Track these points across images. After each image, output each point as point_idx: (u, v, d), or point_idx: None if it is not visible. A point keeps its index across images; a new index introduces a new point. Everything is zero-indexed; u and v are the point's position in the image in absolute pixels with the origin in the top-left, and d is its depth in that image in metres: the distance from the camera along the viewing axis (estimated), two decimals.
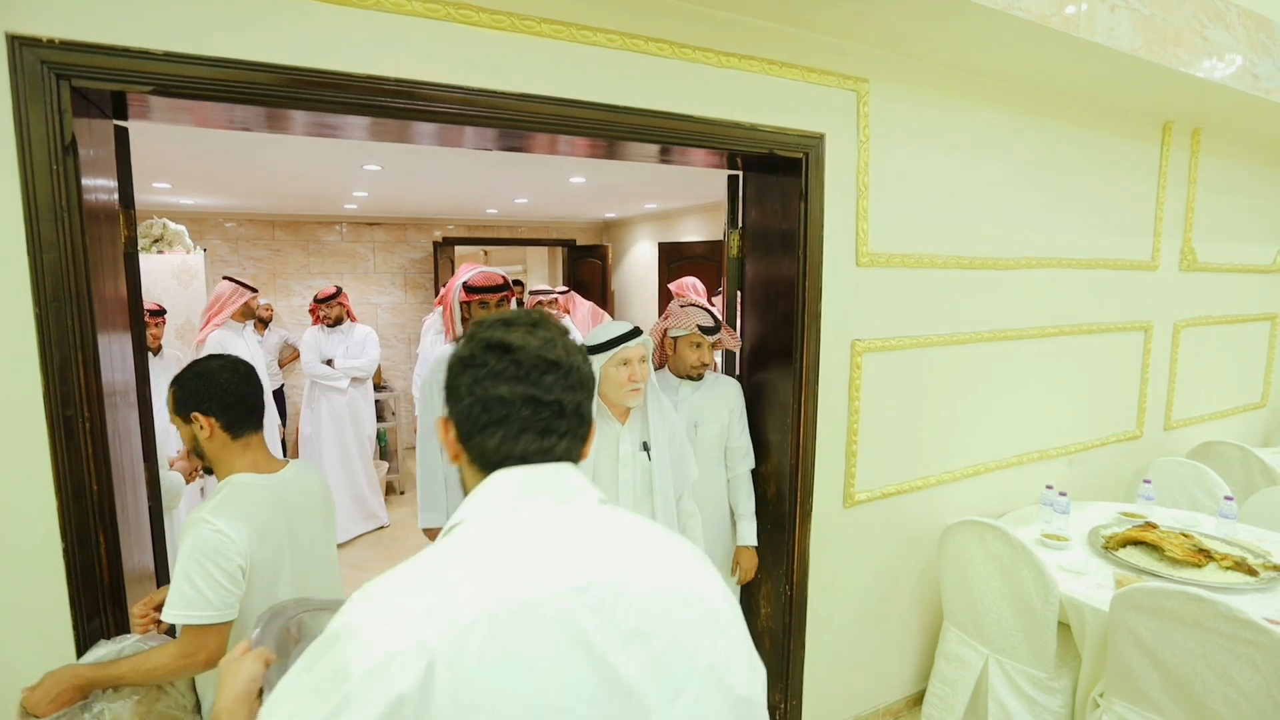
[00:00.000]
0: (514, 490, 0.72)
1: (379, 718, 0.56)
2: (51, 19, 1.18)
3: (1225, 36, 2.44)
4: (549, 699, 0.61)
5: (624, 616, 0.65)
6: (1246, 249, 3.50)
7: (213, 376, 1.34)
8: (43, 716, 1.15)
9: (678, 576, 0.71)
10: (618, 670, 0.63)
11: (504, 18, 1.53)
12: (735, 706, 0.71)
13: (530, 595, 0.63)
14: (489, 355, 0.73)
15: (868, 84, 2.11)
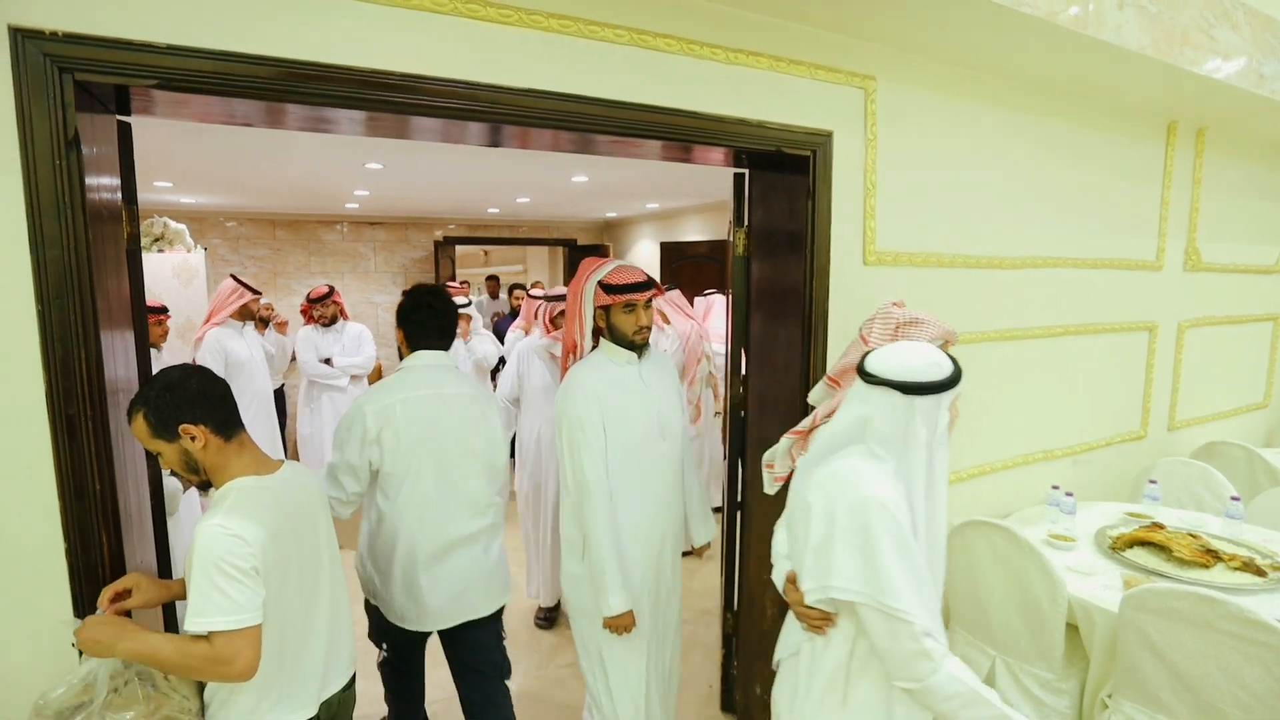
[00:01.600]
0: (427, 358, 1.96)
1: (371, 427, 1.82)
2: (53, 11, 1.17)
3: (1232, 36, 2.44)
4: (422, 430, 1.86)
5: (447, 407, 1.91)
6: (1250, 250, 3.50)
7: (185, 384, 1.28)
8: (81, 646, 1.19)
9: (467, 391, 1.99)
10: (444, 421, 1.91)
11: (511, 12, 1.52)
12: (486, 465, 2.00)
13: (424, 394, 1.88)
14: (423, 307, 1.97)
15: (875, 82, 2.10)
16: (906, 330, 1.64)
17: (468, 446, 1.94)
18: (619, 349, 1.95)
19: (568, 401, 1.88)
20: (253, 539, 1.22)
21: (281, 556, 1.30)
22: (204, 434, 1.28)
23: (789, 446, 1.80)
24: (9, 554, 1.23)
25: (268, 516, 1.28)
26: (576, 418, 1.85)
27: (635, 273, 1.93)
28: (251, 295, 3.50)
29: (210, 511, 1.26)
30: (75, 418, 1.24)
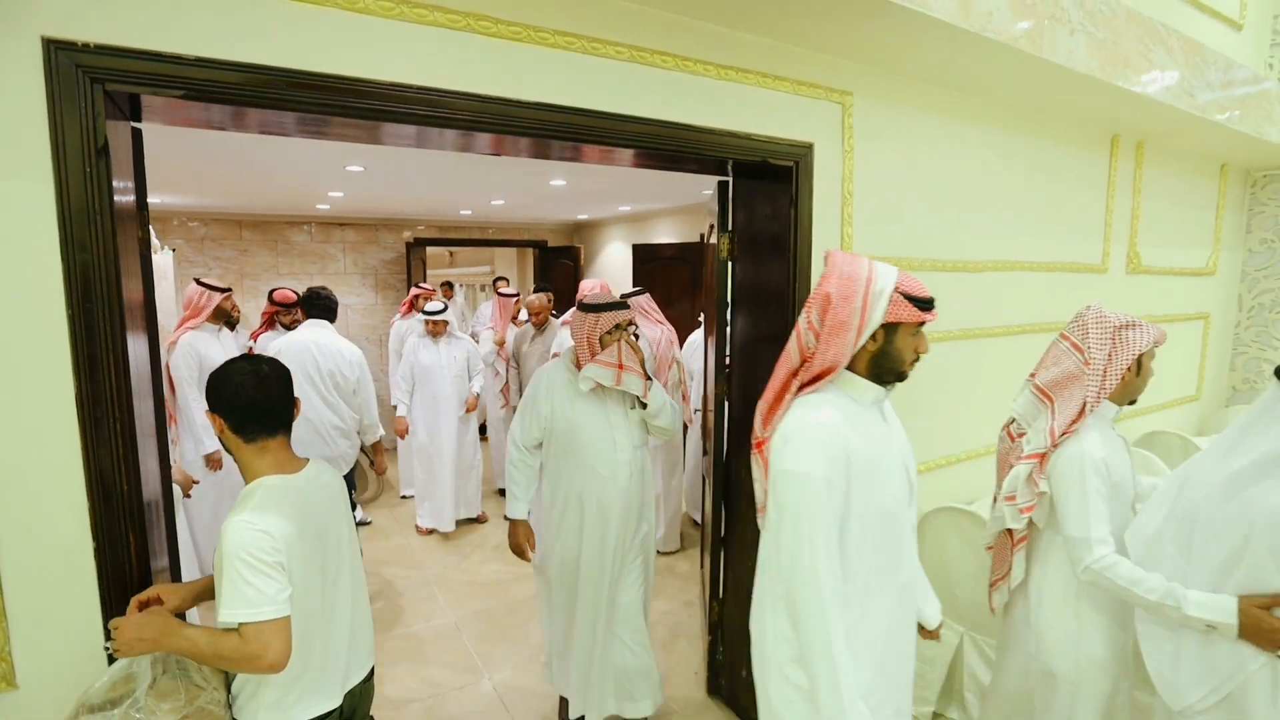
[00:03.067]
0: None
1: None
2: (85, 23, 1.20)
3: (1166, 59, 2.67)
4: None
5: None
6: (1183, 253, 3.79)
7: (227, 378, 1.35)
8: (119, 649, 1.22)
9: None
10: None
11: (520, 29, 1.59)
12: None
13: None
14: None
15: (852, 97, 2.24)
16: (1124, 334, 1.65)
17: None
18: (864, 383, 1.37)
19: (796, 451, 1.28)
20: (279, 534, 1.27)
21: (306, 552, 1.34)
22: (220, 425, 1.36)
23: (1028, 474, 1.69)
24: (39, 554, 1.25)
25: (292, 513, 1.33)
26: (808, 475, 1.24)
27: (919, 283, 1.40)
28: (221, 294, 3.35)
29: (237, 508, 1.30)
30: (103, 419, 1.27)
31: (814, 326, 1.35)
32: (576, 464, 2.23)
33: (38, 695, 1.26)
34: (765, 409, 1.42)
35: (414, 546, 4.25)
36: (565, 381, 2.25)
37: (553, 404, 2.23)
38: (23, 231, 1.19)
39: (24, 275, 1.20)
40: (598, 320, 2.22)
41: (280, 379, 1.39)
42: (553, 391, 2.24)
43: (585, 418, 2.22)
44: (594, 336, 2.21)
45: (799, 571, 1.24)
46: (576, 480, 2.24)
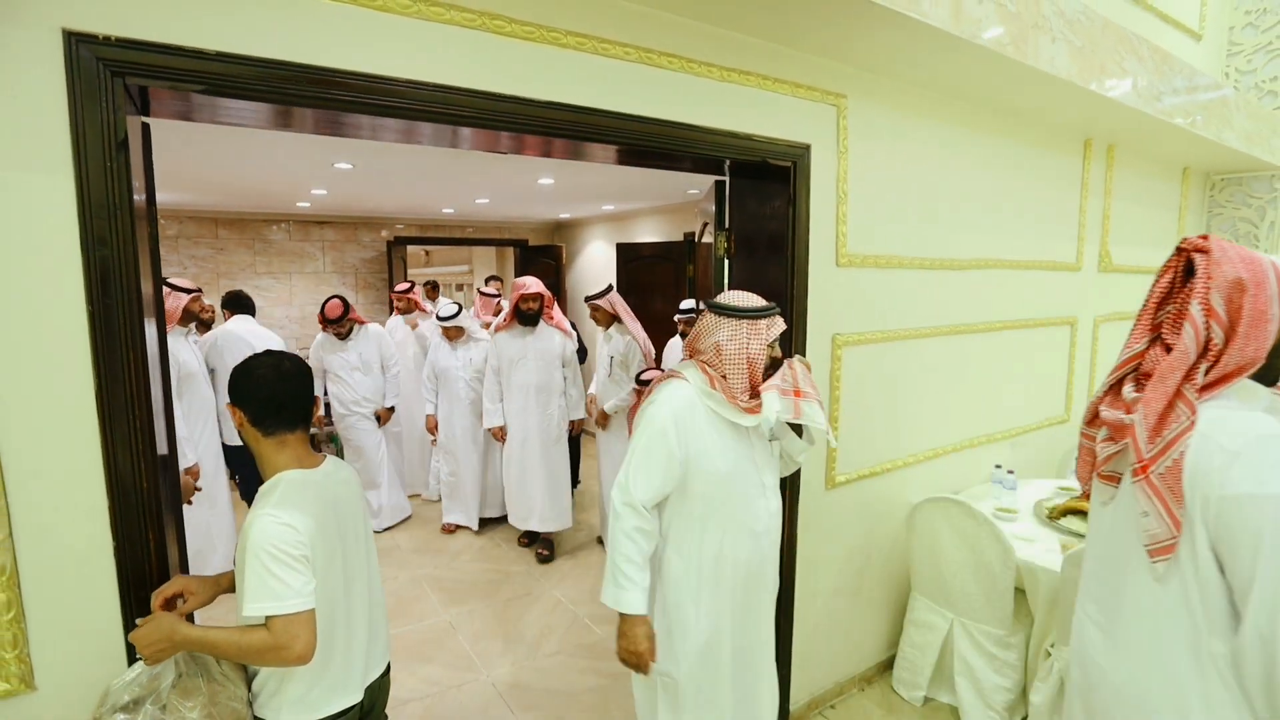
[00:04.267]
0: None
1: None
2: (105, 16, 1.18)
3: (1137, 66, 2.79)
4: None
5: None
6: (1152, 252, 3.96)
7: (250, 371, 1.37)
8: (142, 655, 1.22)
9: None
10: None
11: (533, 29, 1.61)
12: None
13: None
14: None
15: (846, 99, 2.30)
16: None
17: None
18: (1261, 389, 1.18)
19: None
20: (303, 528, 1.27)
21: (327, 547, 1.35)
22: (240, 418, 1.37)
23: None
24: (58, 555, 1.23)
25: (314, 508, 1.33)
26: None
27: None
28: (189, 295, 3.24)
29: (259, 503, 1.30)
30: (122, 417, 1.26)
31: (1219, 317, 1.12)
32: (722, 522, 1.70)
33: (57, 696, 1.24)
34: (1154, 421, 1.13)
35: (402, 547, 4.22)
36: (706, 413, 1.68)
37: (689, 444, 1.65)
38: (43, 226, 1.17)
39: (45, 270, 1.18)
40: (762, 329, 1.66)
41: (301, 375, 1.40)
42: (687, 427, 1.65)
43: (733, 460, 1.69)
44: (758, 354, 1.66)
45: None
46: (719, 544, 1.71)
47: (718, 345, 1.68)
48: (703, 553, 1.71)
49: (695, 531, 1.70)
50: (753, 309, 1.68)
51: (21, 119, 1.14)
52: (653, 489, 1.65)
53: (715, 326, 1.70)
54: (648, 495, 1.64)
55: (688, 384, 1.70)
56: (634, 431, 1.72)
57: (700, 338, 1.73)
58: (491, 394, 4.07)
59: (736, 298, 1.72)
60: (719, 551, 1.71)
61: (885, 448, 2.69)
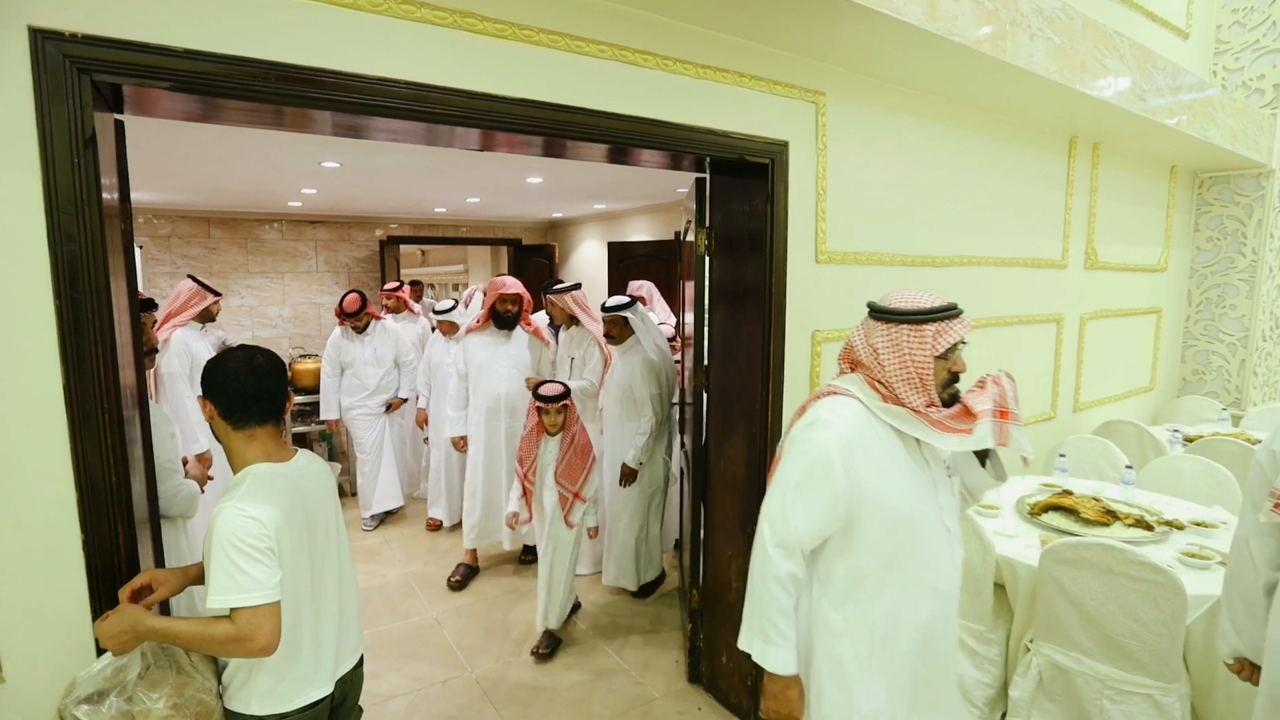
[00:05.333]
0: None
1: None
2: (72, 13, 1.20)
3: (1120, 65, 2.81)
4: None
5: None
6: (1138, 250, 3.97)
7: (223, 364, 1.38)
8: (107, 648, 1.23)
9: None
10: None
11: (506, 27, 1.63)
12: None
13: None
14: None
15: (825, 97, 2.31)
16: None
17: None
18: None
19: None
20: (268, 521, 1.28)
21: (295, 539, 1.36)
22: (211, 410, 1.37)
23: None
24: (27, 547, 1.24)
25: (282, 501, 1.34)
26: None
27: None
28: (213, 298, 3.47)
29: (227, 495, 1.31)
30: (91, 411, 1.27)
31: None
32: (902, 579, 1.40)
33: (26, 688, 1.26)
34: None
35: (390, 544, 4.23)
36: (879, 434, 1.38)
37: (860, 478, 1.34)
38: (10, 222, 1.18)
39: (11, 266, 1.19)
40: (927, 336, 1.34)
41: (274, 370, 1.41)
42: (858, 456, 1.34)
43: (915, 500, 1.39)
44: (924, 366, 1.34)
45: None
46: (896, 606, 1.40)
47: (876, 353, 1.39)
48: (874, 615, 1.38)
49: (865, 588, 1.38)
50: (914, 311, 1.36)
51: None
52: (813, 529, 1.34)
53: (871, 332, 1.41)
54: (807, 536, 1.35)
55: (856, 401, 1.39)
56: (783, 456, 1.41)
57: (856, 347, 1.45)
58: (455, 400, 3.74)
59: (899, 298, 1.41)
60: (895, 614, 1.39)
61: None
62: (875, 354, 1.40)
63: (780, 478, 1.39)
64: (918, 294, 1.41)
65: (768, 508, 1.39)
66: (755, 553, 1.40)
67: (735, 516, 2.52)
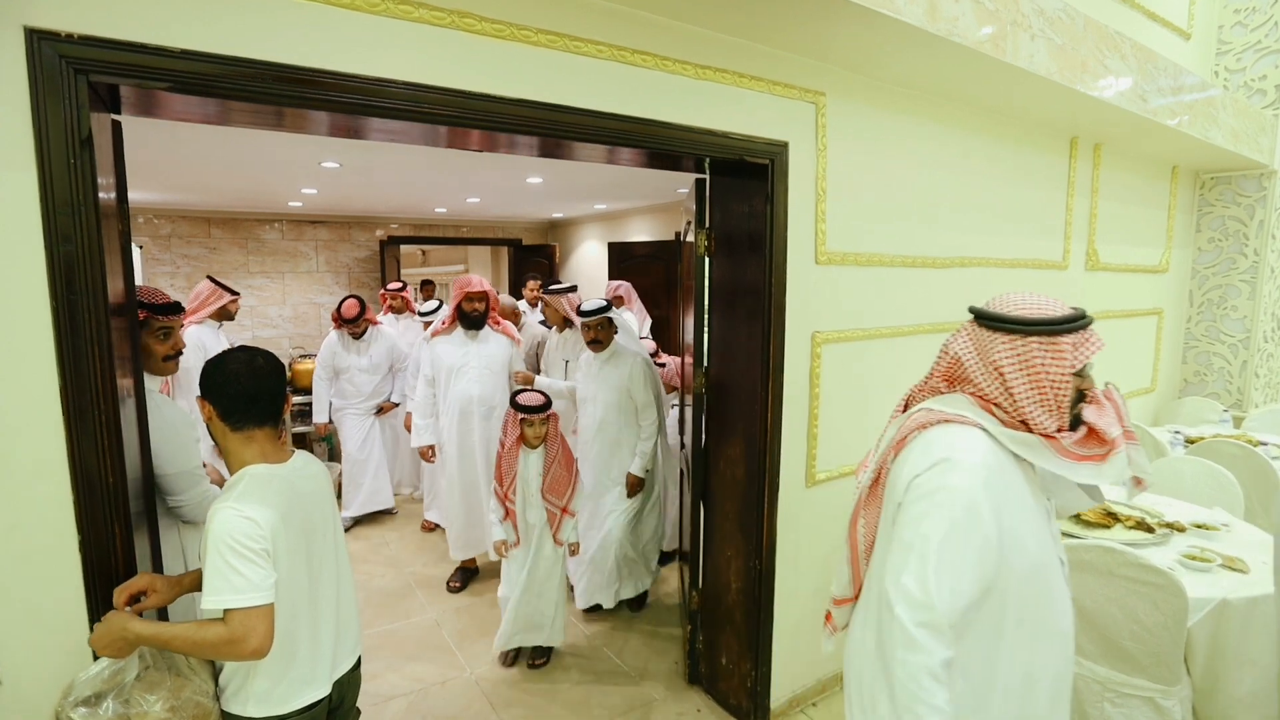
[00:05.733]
0: None
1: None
2: (67, 14, 1.19)
3: (1121, 65, 2.80)
4: None
5: None
6: (1138, 251, 3.96)
7: (223, 365, 1.39)
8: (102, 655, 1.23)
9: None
10: None
11: (504, 27, 1.62)
12: None
13: None
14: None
15: (825, 97, 2.31)
16: None
17: None
18: None
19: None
20: (265, 522, 1.28)
21: (291, 541, 1.36)
22: (209, 412, 1.38)
23: None
24: (23, 547, 1.24)
25: (279, 502, 1.34)
26: None
27: None
28: (230, 297, 3.51)
29: (224, 496, 1.31)
30: (88, 411, 1.27)
31: None
32: (1032, 627, 1.19)
33: (22, 689, 1.25)
34: None
35: (390, 545, 4.22)
36: (1005, 467, 1.18)
37: (1002, 522, 1.14)
38: (6, 223, 1.18)
39: (7, 267, 1.19)
40: (1065, 350, 1.16)
41: (274, 371, 1.41)
42: (1001, 497, 1.15)
43: (1040, 537, 1.21)
44: (1061, 385, 1.16)
45: None
46: (1028, 660, 1.20)
47: (999, 371, 1.19)
48: (1005, 673, 1.17)
49: (992, 642, 1.16)
50: (1047, 321, 1.17)
51: None
52: (962, 597, 1.09)
53: (989, 345, 1.21)
54: (956, 609, 1.09)
55: (981, 431, 1.18)
56: (911, 509, 1.15)
57: (965, 363, 1.25)
58: (423, 408, 3.55)
59: (1016, 303, 1.21)
60: (1028, 670, 1.19)
61: (866, 445, 2.68)
62: (997, 372, 1.19)
63: (909, 538, 1.12)
64: (1037, 299, 1.21)
65: (900, 581, 1.10)
66: (890, 643, 1.10)
67: (735, 517, 2.52)
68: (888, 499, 1.24)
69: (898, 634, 1.09)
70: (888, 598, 1.12)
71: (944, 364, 1.30)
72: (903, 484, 1.18)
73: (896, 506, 1.19)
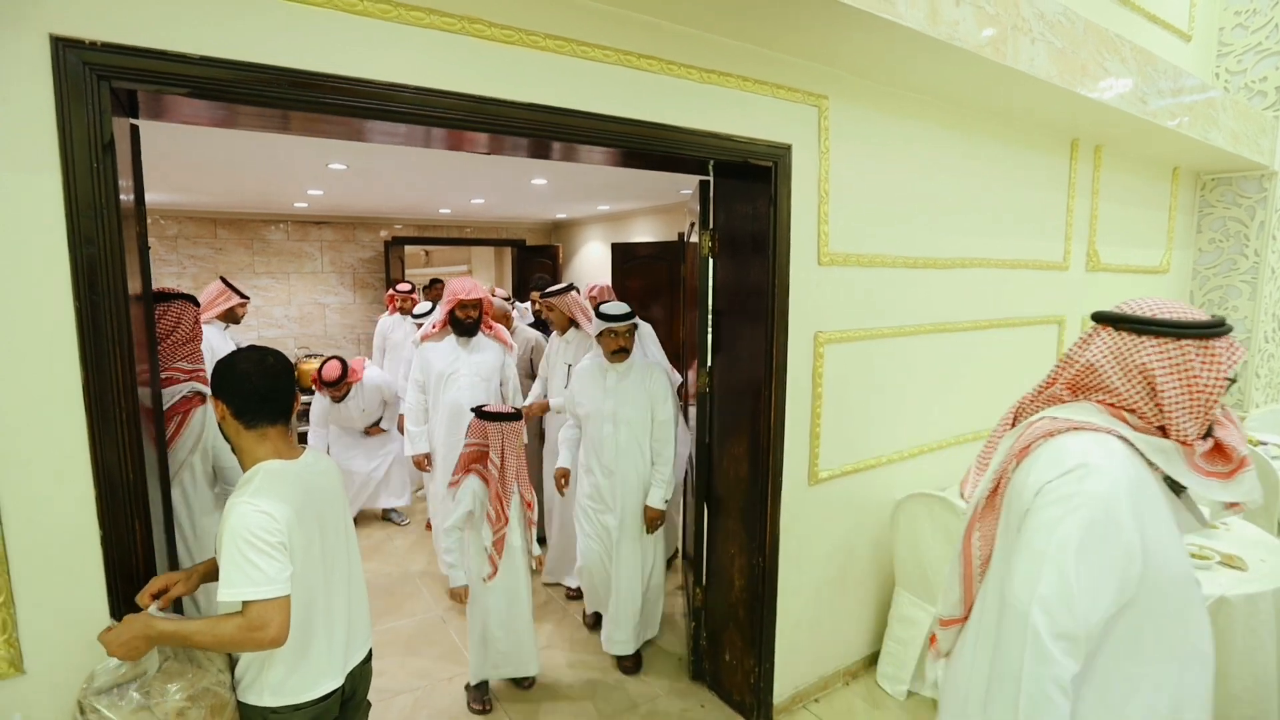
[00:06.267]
0: None
1: None
2: (91, 22, 1.23)
3: (1120, 67, 2.82)
4: None
5: None
6: (1139, 252, 3.98)
7: (235, 365, 1.42)
8: (114, 656, 1.23)
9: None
10: None
11: (513, 32, 1.65)
12: None
13: None
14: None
15: (828, 100, 2.33)
16: None
17: None
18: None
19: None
20: (280, 516, 1.31)
21: (305, 535, 1.39)
22: (223, 410, 1.41)
23: None
24: (47, 542, 1.27)
25: (293, 497, 1.37)
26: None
27: None
28: (240, 300, 3.51)
29: (239, 490, 1.35)
30: (109, 410, 1.30)
31: None
32: (1180, 653, 1.14)
33: (45, 680, 1.29)
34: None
35: (396, 543, 4.26)
36: (1144, 477, 1.13)
37: (1145, 534, 1.08)
38: (31, 225, 1.21)
39: (32, 268, 1.22)
40: (1220, 354, 1.12)
41: (284, 370, 1.44)
42: (1143, 509, 1.10)
43: (1182, 553, 1.17)
44: (1213, 392, 1.12)
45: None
46: (1174, 688, 1.13)
47: (1147, 375, 1.13)
48: (1149, 695, 1.10)
49: (1131, 661, 1.09)
50: (1203, 324, 1.13)
51: (11, 122, 1.18)
52: (1101, 608, 1.04)
53: (1133, 349, 1.15)
54: (1094, 620, 1.04)
55: (1117, 439, 1.13)
56: (1042, 514, 1.10)
57: (1102, 369, 1.18)
58: (415, 414, 3.42)
59: (1158, 307, 1.16)
60: (1175, 700, 1.11)
61: (868, 444, 2.72)
62: (1143, 376, 1.13)
63: (1041, 545, 1.07)
64: (1173, 304, 1.17)
65: (1035, 589, 1.05)
66: (1016, 655, 1.06)
67: (738, 515, 2.54)
68: (1008, 509, 1.19)
69: (1030, 645, 1.04)
70: (1018, 607, 1.06)
71: (1070, 372, 1.25)
72: (1030, 491, 1.13)
73: (1022, 514, 1.13)
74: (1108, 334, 1.20)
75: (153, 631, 1.25)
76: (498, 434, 2.42)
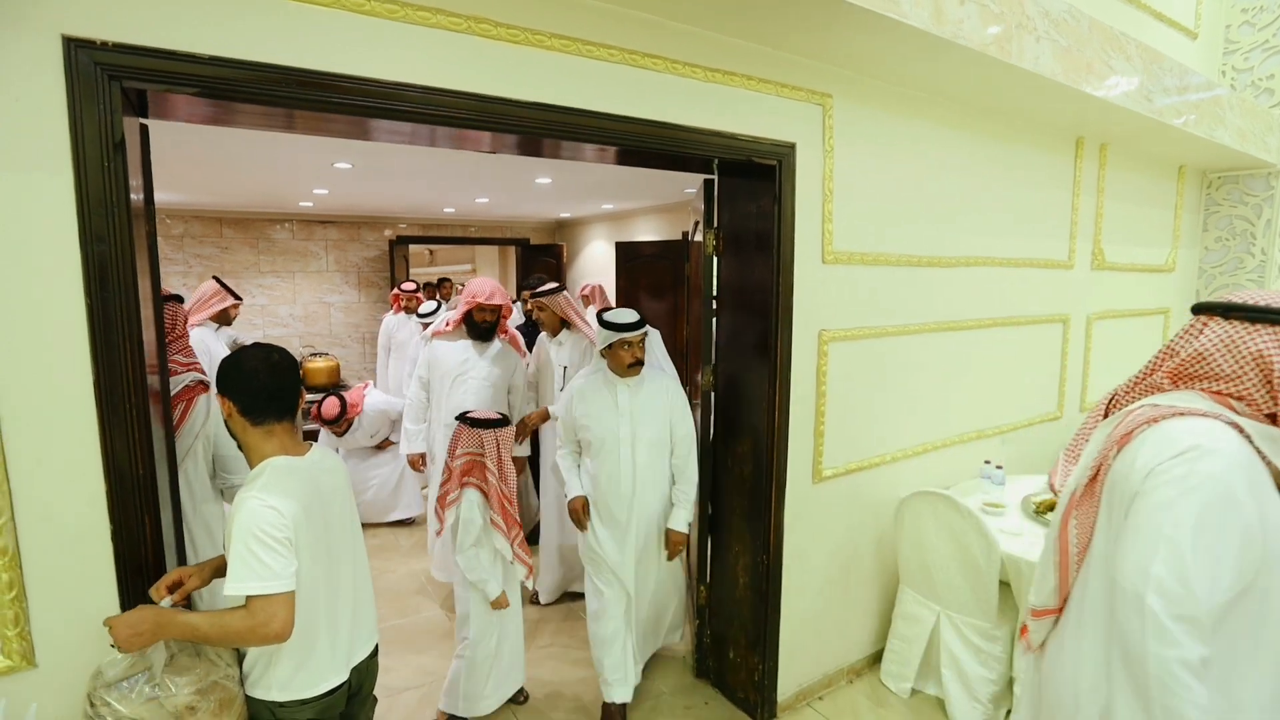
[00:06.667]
0: None
1: None
2: (102, 22, 1.24)
3: (1126, 65, 2.82)
4: None
5: None
6: (1145, 251, 3.97)
7: (240, 363, 1.43)
8: (119, 646, 1.23)
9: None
10: None
11: (518, 32, 1.66)
12: None
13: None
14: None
15: (831, 99, 2.34)
16: None
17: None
18: None
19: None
20: (287, 512, 1.33)
21: (312, 531, 1.40)
22: (230, 408, 1.41)
23: None
24: (58, 537, 1.28)
25: (300, 493, 1.38)
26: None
27: None
28: (234, 301, 3.51)
29: (247, 486, 1.36)
30: (119, 406, 1.31)
31: None
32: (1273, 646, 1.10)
33: (57, 673, 1.30)
34: None
35: (400, 543, 4.28)
36: (1256, 465, 1.10)
37: (1266, 517, 1.07)
38: (44, 223, 1.23)
39: (44, 265, 1.24)
40: None
41: (290, 366, 1.45)
42: (1259, 492, 1.08)
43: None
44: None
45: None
46: (1275, 686, 1.10)
47: (1261, 363, 1.12)
48: (1257, 685, 1.06)
49: (1245, 650, 1.06)
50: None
51: (23, 121, 1.20)
52: (1221, 590, 1.01)
53: (1245, 338, 1.15)
54: (1215, 603, 1.01)
55: (1226, 425, 1.11)
56: (1154, 496, 1.07)
57: (1212, 358, 1.17)
58: (414, 411, 3.26)
59: (1275, 298, 1.16)
60: (1277, 703, 1.08)
61: (872, 442, 2.72)
62: (1258, 363, 1.12)
63: (1154, 526, 1.04)
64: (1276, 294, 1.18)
65: (1150, 571, 1.02)
66: (1137, 638, 1.02)
67: (742, 513, 2.55)
68: (1111, 495, 1.16)
69: (1150, 628, 1.00)
70: (1131, 590, 1.03)
71: (1173, 363, 1.23)
72: (1139, 474, 1.10)
73: (1129, 498, 1.10)
74: (1217, 323, 1.19)
75: (163, 619, 1.27)
76: (493, 441, 2.32)
